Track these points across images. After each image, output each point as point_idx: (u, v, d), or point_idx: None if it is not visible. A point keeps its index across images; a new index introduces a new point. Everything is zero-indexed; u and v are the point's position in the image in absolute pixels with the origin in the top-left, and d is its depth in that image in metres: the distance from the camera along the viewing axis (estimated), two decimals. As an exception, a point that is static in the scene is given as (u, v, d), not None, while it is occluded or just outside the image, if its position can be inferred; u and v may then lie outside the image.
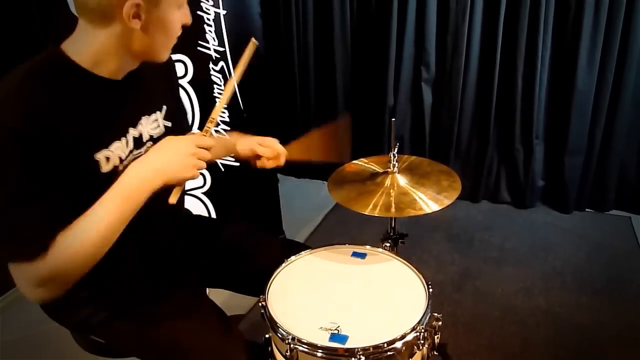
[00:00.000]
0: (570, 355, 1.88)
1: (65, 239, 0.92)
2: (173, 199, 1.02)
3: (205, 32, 2.02)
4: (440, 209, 1.34)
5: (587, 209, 2.88)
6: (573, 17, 2.49)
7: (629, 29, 2.43)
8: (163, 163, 0.99)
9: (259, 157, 1.33)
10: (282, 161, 1.33)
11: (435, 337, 1.16)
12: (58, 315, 1.20)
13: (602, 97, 2.59)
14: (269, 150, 1.32)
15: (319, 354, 1.03)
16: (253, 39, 1.15)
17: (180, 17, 1.00)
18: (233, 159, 2.25)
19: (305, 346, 1.03)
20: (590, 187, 2.81)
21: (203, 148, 1.03)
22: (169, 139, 1.05)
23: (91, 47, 0.96)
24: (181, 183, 1.02)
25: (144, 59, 1.04)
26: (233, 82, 1.15)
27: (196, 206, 2.30)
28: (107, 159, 1.00)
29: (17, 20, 1.97)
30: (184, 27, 1.05)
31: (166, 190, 1.04)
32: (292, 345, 1.04)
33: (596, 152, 2.72)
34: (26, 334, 2.04)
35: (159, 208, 1.15)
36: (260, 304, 1.15)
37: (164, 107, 1.18)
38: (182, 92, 2.11)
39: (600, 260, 2.43)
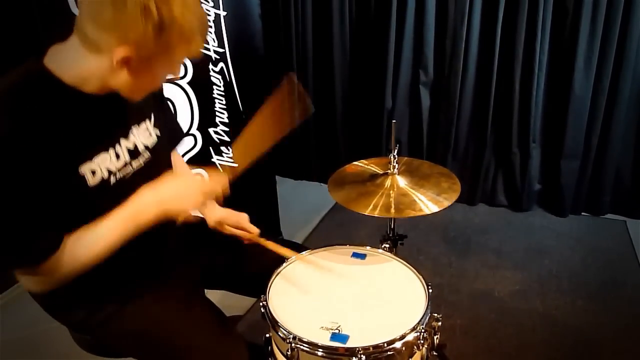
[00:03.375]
0: (566, 357, 1.89)
1: (71, 247, 0.98)
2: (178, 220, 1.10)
3: (205, 33, 2.03)
4: (440, 211, 1.36)
5: (583, 213, 2.90)
6: (570, 22, 2.51)
7: (626, 35, 2.45)
8: (166, 195, 1.06)
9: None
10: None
11: (435, 337, 1.17)
12: (57, 314, 1.20)
13: (599, 102, 2.61)
14: (240, 233, 1.37)
15: (320, 353, 1.03)
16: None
17: (169, 72, 1.02)
18: (231, 160, 2.25)
19: (306, 345, 1.04)
20: (586, 191, 2.83)
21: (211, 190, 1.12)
22: (184, 175, 1.13)
23: (78, 66, 0.96)
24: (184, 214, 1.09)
25: (120, 93, 1.03)
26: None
27: (194, 207, 2.31)
28: (93, 172, 1.01)
29: (17, 20, 1.97)
30: None
31: None
32: (293, 345, 1.04)
33: (592, 157, 2.74)
34: (25, 333, 2.03)
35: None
36: (261, 304, 1.15)
37: (152, 115, 1.18)
38: (181, 93, 2.11)
39: (596, 264, 2.44)
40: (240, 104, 2.16)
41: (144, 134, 1.14)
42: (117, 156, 1.06)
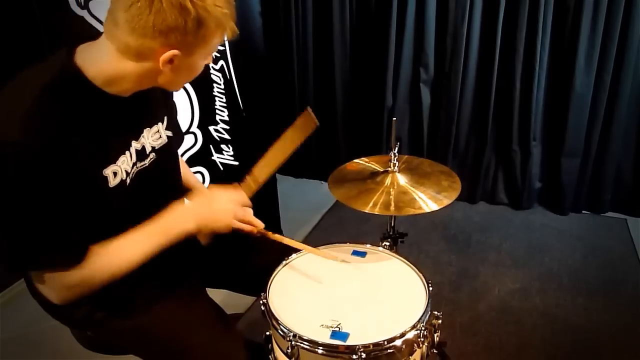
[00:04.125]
0: (566, 355, 1.89)
1: (101, 255, 1.00)
2: (203, 239, 1.16)
3: (205, 31, 2.02)
4: (439, 209, 1.35)
5: (583, 211, 2.90)
6: (571, 19, 2.51)
7: (627, 32, 2.45)
8: (205, 215, 1.11)
9: None
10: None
11: (435, 335, 1.17)
12: (58, 313, 1.20)
13: (600, 99, 2.60)
14: (246, 227, 1.31)
15: (320, 351, 1.03)
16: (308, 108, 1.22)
17: (206, 62, 1.04)
18: (232, 158, 2.25)
19: (307, 343, 1.04)
20: (586, 189, 2.83)
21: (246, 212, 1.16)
22: (219, 192, 1.15)
23: (111, 71, 0.96)
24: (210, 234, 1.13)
25: (159, 87, 1.05)
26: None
27: (194, 205, 2.31)
28: (115, 174, 1.02)
29: (18, 20, 1.97)
30: None
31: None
32: (293, 343, 1.04)
33: (593, 154, 2.74)
34: (25, 331, 2.04)
35: (160, 208, 1.16)
36: (261, 302, 1.15)
37: (165, 118, 1.20)
38: (181, 92, 2.11)
39: (596, 262, 2.44)
40: (240, 102, 2.16)
41: (154, 136, 1.15)
42: (131, 157, 1.07)
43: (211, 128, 2.18)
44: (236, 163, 2.26)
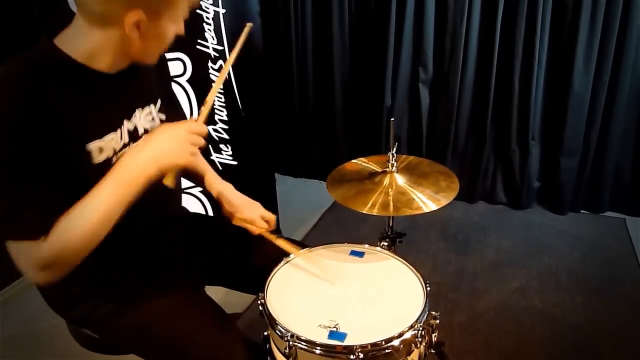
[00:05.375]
0: (565, 354, 1.89)
1: (65, 223, 0.93)
2: (168, 181, 1.03)
3: (204, 31, 2.02)
4: (437, 209, 1.36)
5: (582, 210, 2.90)
6: (570, 19, 2.51)
7: (625, 32, 2.45)
8: (157, 149, 0.99)
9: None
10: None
11: (433, 335, 1.17)
12: (60, 308, 1.21)
13: (598, 99, 2.61)
14: (250, 227, 1.35)
15: (318, 351, 1.03)
16: (249, 24, 1.17)
17: (175, 28, 1.03)
18: (231, 158, 2.25)
19: (304, 343, 1.04)
20: (585, 188, 2.83)
21: (196, 134, 1.03)
22: (163, 126, 1.05)
23: (86, 44, 0.97)
24: (176, 169, 1.03)
25: (135, 61, 1.05)
26: (228, 65, 1.17)
27: (193, 204, 2.31)
28: (100, 149, 1.01)
29: (16, 13, 1.97)
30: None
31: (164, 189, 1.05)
32: (291, 343, 1.04)
33: (591, 154, 2.74)
34: (25, 329, 2.04)
35: (158, 204, 1.16)
36: (259, 301, 1.15)
37: (159, 101, 1.19)
38: (180, 91, 2.11)
39: (595, 261, 2.45)
40: (239, 102, 2.16)
41: (146, 118, 1.15)
42: (121, 137, 1.07)
43: (210, 128, 2.19)
44: (235, 163, 2.26)
